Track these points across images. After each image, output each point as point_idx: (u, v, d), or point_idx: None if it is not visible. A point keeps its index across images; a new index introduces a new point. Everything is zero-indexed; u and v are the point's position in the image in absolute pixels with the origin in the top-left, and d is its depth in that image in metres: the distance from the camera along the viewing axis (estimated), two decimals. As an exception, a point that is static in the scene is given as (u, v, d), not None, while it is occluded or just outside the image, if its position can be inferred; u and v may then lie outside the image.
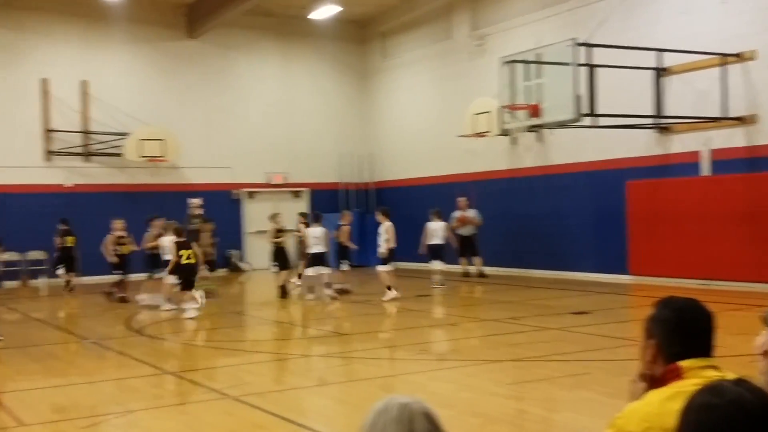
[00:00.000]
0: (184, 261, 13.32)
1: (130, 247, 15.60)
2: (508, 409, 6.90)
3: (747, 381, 1.76)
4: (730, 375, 2.19)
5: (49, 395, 7.95)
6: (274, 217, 16.46)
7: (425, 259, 17.45)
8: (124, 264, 15.56)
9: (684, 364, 2.51)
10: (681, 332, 2.56)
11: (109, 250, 15.49)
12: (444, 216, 17.58)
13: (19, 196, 19.47)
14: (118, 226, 15.70)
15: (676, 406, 1.85)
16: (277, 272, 16.16)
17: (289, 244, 16.69)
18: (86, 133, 21.05)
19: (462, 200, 18.84)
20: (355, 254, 16.99)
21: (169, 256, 13.91)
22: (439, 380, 7.95)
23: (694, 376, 2.45)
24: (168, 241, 14.09)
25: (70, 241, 17.69)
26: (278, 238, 16.06)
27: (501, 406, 6.91)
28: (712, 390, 1.75)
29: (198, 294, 13.51)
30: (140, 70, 22.04)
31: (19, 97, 20.35)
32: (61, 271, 17.72)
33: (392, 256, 15.11)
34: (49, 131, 20.64)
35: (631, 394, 2.64)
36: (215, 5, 21.25)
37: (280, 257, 16.04)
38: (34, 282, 18.41)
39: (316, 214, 16.17)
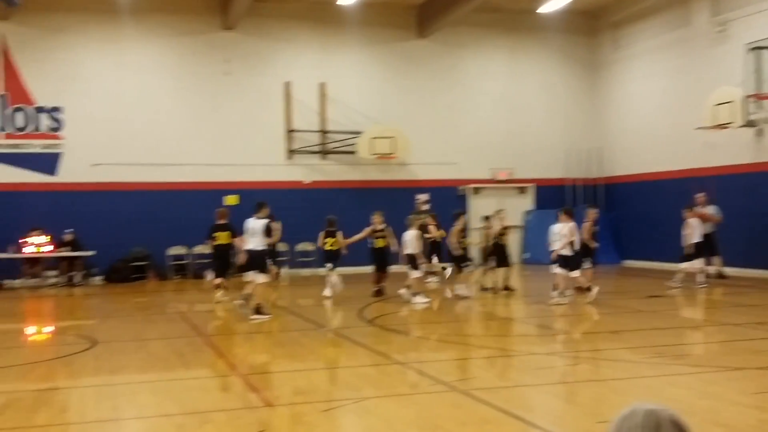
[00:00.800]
0: (327, 248, 15.80)
1: (386, 241, 15.84)
2: (751, 420, 6.44)
3: None
4: None
5: (291, 378, 8.52)
6: (498, 213, 16.50)
7: (653, 257, 16.64)
8: (380, 257, 15.87)
9: None
10: None
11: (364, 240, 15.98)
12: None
13: (264, 192, 20.92)
14: (377, 220, 15.98)
15: None
16: (494, 269, 16.13)
17: (511, 241, 16.56)
18: (323, 132, 22.28)
19: (700, 196, 17.76)
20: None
21: (410, 249, 14.53)
22: (677, 386, 7.57)
23: None
24: (409, 236, 14.66)
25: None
26: (502, 235, 16.06)
27: (744, 417, 6.47)
28: None
29: (336, 278, 15.42)
30: (373, 71, 22.94)
31: (265, 100, 21.95)
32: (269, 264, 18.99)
33: (577, 259, 14.10)
34: (290, 131, 22.08)
35: None
36: (445, 4, 21.63)
37: (501, 254, 16.01)
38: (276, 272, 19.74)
39: (567, 210, 15.84)
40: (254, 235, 12.98)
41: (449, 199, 22.72)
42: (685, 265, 16.00)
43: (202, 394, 7.79)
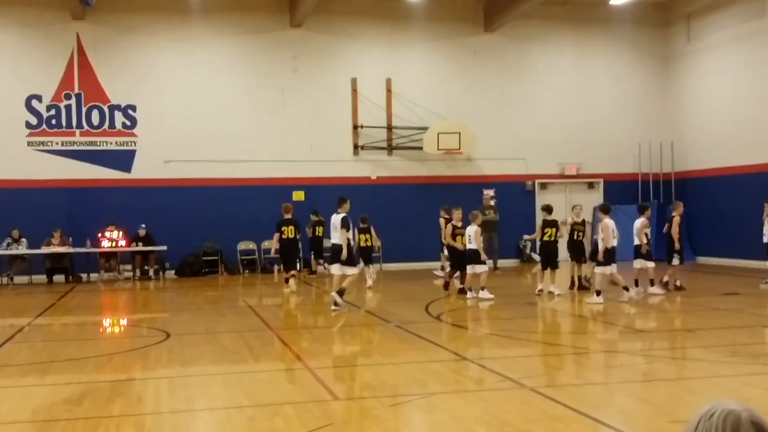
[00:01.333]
0: (362, 244, 16.51)
1: (463, 239, 15.15)
2: (834, 424, 6.21)
3: None
4: None
5: (358, 373, 8.58)
6: (573, 208, 16.30)
7: (727, 253, 16.16)
8: (459, 255, 15.28)
9: None
10: None
11: (449, 239, 15.52)
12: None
13: (330, 188, 21.11)
14: (456, 216, 15.52)
15: None
16: (575, 264, 15.93)
17: (585, 236, 16.32)
18: (389, 128, 22.33)
19: (778, 191, 17.21)
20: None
21: (473, 245, 14.42)
22: (753, 386, 7.36)
23: None
24: (472, 231, 14.53)
25: (321, 231, 19.09)
26: (578, 230, 15.84)
27: (826, 420, 6.24)
28: None
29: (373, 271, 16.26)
30: (438, 66, 22.87)
31: (332, 96, 22.11)
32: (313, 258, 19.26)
33: (611, 257, 13.73)
34: (356, 127, 22.19)
35: None
36: (512, -2, 21.42)
37: (576, 249, 15.80)
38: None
39: (642, 206, 15.55)
40: (336, 229, 13.19)
41: (516, 195, 22.56)
42: None
43: (271, 386, 7.89)
